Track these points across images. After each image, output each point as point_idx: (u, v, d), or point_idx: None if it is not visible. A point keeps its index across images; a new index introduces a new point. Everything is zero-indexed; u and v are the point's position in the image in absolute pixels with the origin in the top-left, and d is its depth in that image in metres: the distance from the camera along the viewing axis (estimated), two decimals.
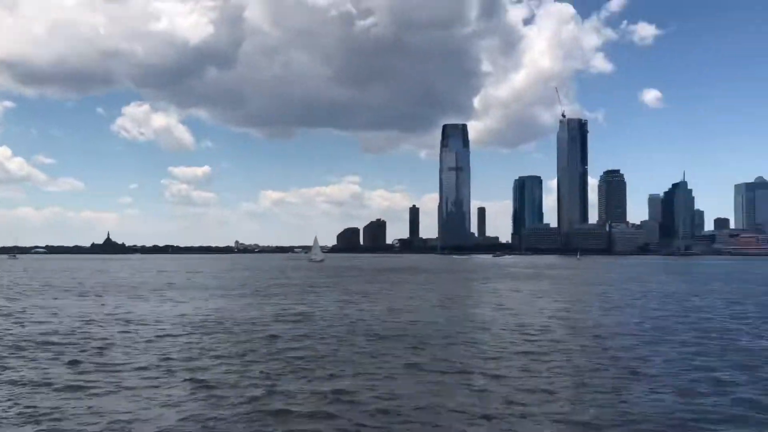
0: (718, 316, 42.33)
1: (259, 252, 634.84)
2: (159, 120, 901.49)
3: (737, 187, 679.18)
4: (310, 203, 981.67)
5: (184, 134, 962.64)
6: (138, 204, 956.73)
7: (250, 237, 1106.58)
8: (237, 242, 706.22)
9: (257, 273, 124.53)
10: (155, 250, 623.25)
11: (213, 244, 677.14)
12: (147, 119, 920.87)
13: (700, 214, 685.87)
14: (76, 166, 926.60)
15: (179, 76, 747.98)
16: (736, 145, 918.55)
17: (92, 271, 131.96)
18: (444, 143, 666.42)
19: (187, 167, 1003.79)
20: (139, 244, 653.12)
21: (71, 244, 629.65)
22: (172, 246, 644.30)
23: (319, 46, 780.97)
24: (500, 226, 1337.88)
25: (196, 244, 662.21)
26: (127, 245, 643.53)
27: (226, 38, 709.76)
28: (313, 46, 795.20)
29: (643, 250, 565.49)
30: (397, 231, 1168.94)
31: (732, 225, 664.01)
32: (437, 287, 77.08)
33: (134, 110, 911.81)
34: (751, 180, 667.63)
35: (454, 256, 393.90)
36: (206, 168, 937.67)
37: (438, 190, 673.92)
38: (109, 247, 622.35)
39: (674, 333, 32.72)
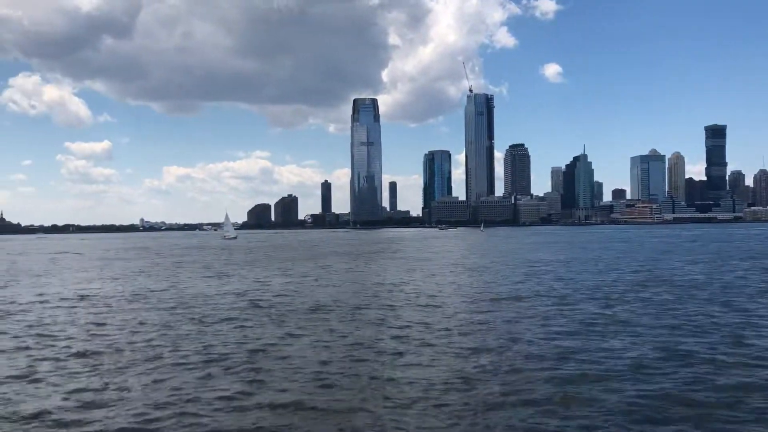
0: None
1: (166, 230, 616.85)
2: (51, 92, 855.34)
3: (633, 159, 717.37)
4: (217, 179, 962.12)
5: (79, 107, 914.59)
6: (33, 181, 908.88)
7: (155, 215, 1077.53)
8: (142, 220, 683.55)
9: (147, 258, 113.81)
10: (54, 229, 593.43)
11: (117, 223, 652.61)
12: (38, 91, 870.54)
13: (599, 185, 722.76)
14: None
15: (72, 45, 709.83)
16: (631, 119, 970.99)
17: None
18: (355, 117, 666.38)
19: (85, 143, 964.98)
20: (37, 223, 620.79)
21: None
22: (73, 225, 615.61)
23: (221, 16, 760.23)
24: (411, 200, 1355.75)
25: (99, 223, 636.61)
26: (23, 225, 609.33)
27: (121, 6, 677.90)
28: (215, 15, 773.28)
29: (546, 221, 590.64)
30: (309, 206, 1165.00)
31: (629, 195, 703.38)
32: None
33: (23, 81, 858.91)
34: (645, 152, 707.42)
35: (365, 231, 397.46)
36: (105, 143, 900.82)
37: (349, 164, 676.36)
38: (3, 227, 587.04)
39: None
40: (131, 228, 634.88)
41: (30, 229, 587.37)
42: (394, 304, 33.62)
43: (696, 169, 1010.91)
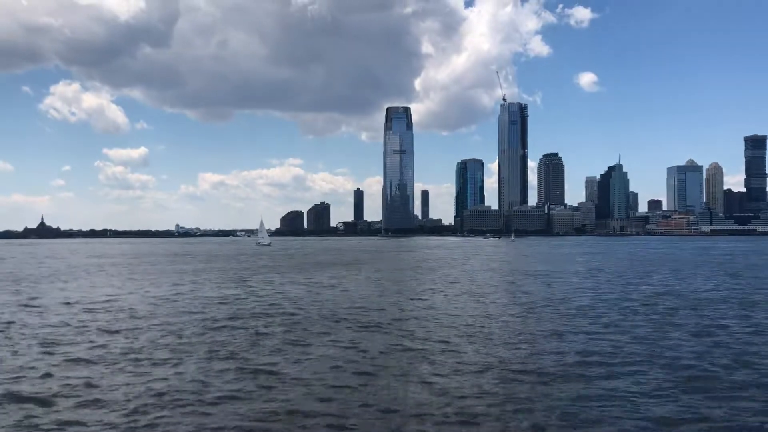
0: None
1: (200, 236, 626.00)
2: (90, 100, 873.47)
3: (669, 169, 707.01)
4: (251, 186, 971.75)
5: (117, 115, 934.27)
6: (72, 187, 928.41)
7: (190, 221, 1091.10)
8: (177, 226, 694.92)
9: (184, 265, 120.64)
10: (93, 234, 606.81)
11: (153, 228, 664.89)
12: (77, 99, 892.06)
13: (635, 195, 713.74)
14: (2, 147, 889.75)
15: (110, 53, 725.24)
16: (668, 129, 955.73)
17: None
18: (387, 126, 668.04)
19: (122, 149, 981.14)
20: (75, 228, 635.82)
21: (1, 229, 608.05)
22: (110, 230, 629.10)
23: (255, 24, 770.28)
24: (443, 209, 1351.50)
25: (135, 228, 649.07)
26: (62, 229, 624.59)
27: (158, 14, 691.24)
28: (250, 24, 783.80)
29: (580, 231, 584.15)
30: (341, 214, 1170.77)
31: (665, 206, 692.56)
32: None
33: (63, 89, 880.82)
34: (682, 163, 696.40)
35: (402, 239, 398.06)
36: (142, 150, 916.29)
37: (381, 172, 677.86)
38: (43, 231, 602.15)
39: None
40: (167, 233, 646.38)
41: (69, 234, 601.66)
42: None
43: (735, 180, 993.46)
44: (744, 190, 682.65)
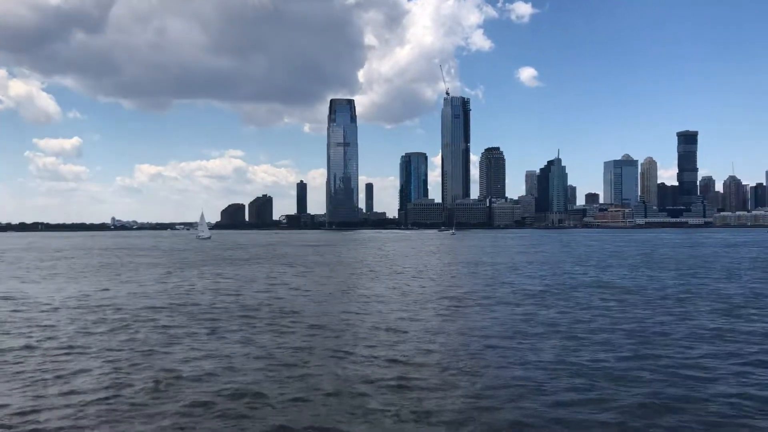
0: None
1: (137, 229, 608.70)
2: (18, 87, 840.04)
3: (606, 164, 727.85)
4: (190, 178, 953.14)
5: (48, 103, 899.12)
6: (0, 178, 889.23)
7: (127, 213, 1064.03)
8: (113, 219, 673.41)
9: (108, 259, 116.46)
10: (23, 227, 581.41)
11: (87, 221, 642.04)
12: (4, 86, 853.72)
13: (573, 189, 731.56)
14: None
15: (40, 39, 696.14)
16: (605, 124, 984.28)
17: None
18: (331, 118, 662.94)
19: (54, 139, 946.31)
20: (4, 221, 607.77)
21: None
22: (42, 223, 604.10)
23: (195, 12, 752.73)
24: (387, 202, 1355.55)
25: (69, 222, 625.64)
26: None
27: (93, 0, 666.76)
28: (190, 12, 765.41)
29: (520, 224, 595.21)
30: (283, 207, 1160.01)
31: (602, 200, 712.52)
32: None
33: None
34: (618, 157, 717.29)
35: (345, 232, 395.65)
36: (75, 140, 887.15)
37: (325, 165, 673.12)
38: None
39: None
40: (102, 227, 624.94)
41: None
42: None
43: (668, 174, 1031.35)
44: (677, 183, 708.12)
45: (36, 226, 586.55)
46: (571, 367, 19.80)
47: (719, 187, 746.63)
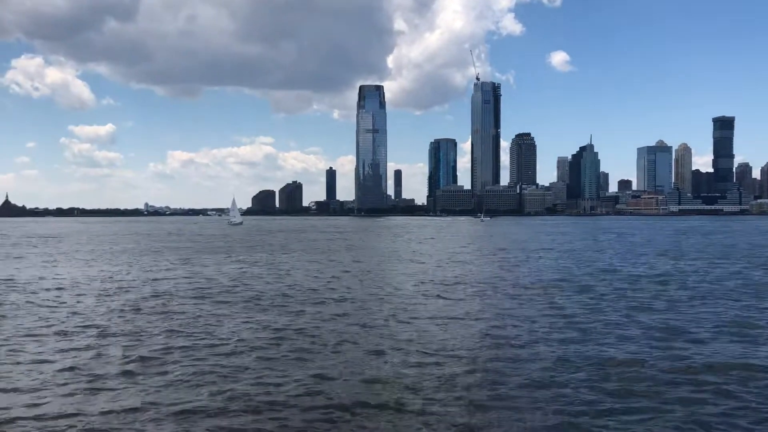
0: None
1: (170, 215, 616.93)
2: (54, 75, 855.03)
3: (640, 150, 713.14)
4: (221, 164, 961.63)
5: (82, 90, 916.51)
6: (37, 164, 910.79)
7: (160, 199, 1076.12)
8: (147, 204, 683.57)
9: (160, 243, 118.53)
10: (60, 213, 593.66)
11: (121, 207, 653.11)
12: (40, 73, 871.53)
13: (605, 175, 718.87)
14: None
15: (74, 27, 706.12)
16: (638, 109, 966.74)
17: None
18: (360, 104, 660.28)
19: (89, 126, 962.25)
20: (41, 206, 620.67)
21: None
22: (78, 209, 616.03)
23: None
24: (416, 188, 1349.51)
25: (103, 207, 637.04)
26: (28, 208, 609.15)
27: None
28: None
29: (552, 210, 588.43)
30: (313, 193, 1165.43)
31: (635, 186, 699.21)
32: None
33: (26, 63, 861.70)
34: (652, 143, 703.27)
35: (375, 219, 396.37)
36: (109, 127, 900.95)
37: (354, 151, 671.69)
38: (7, 210, 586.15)
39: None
40: (136, 212, 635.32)
41: (35, 212, 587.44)
42: None
43: (703, 161, 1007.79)
44: (712, 170, 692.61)
45: (72, 212, 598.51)
46: None
47: (756, 173, 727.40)
